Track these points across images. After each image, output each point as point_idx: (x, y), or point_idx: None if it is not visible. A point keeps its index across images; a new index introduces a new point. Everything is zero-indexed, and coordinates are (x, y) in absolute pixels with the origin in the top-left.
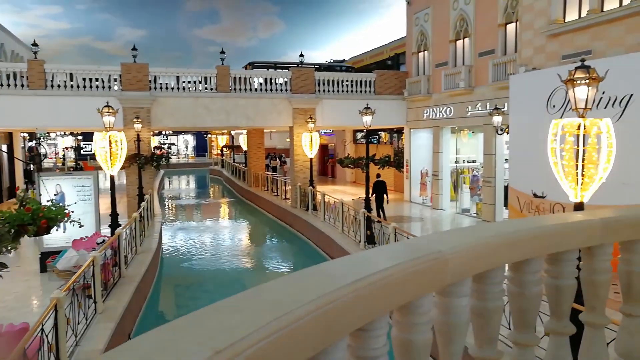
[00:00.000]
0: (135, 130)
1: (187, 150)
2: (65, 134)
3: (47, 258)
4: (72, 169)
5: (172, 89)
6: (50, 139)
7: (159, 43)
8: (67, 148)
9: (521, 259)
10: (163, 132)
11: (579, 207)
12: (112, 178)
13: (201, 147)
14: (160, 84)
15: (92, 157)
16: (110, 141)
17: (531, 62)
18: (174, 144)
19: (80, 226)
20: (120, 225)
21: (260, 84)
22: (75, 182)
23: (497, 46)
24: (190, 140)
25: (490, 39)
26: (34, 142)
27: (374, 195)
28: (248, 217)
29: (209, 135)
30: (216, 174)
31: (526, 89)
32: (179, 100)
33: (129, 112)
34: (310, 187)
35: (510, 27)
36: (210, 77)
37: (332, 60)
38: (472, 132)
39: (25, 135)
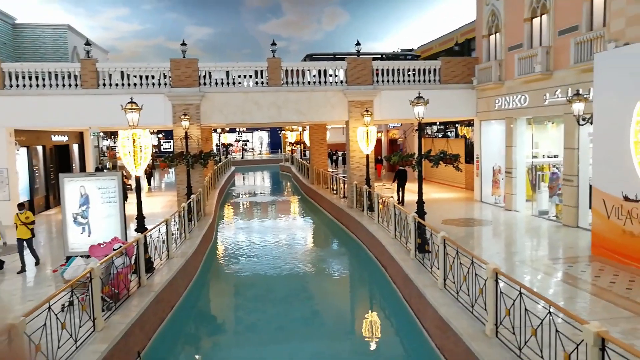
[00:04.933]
0: (183, 127)
1: (261, 147)
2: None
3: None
4: (149, 168)
5: (222, 84)
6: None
7: (227, 40)
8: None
9: None
10: (238, 129)
11: None
12: (137, 179)
13: (276, 143)
14: (210, 79)
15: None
16: (133, 140)
17: (623, 36)
18: (248, 141)
19: None
20: (147, 228)
21: (314, 76)
22: (100, 183)
23: (580, 21)
24: (265, 137)
25: (572, 13)
26: (109, 141)
27: (396, 182)
28: (307, 217)
29: (283, 132)
30: (286, 170)
31: (615, 69)
32: (229, 96)
33: (178, 109)
34: (366, 187)
35: None
36: (261, 71)
37: (399, 50)
38: (552, 123)
39: (101, 134)
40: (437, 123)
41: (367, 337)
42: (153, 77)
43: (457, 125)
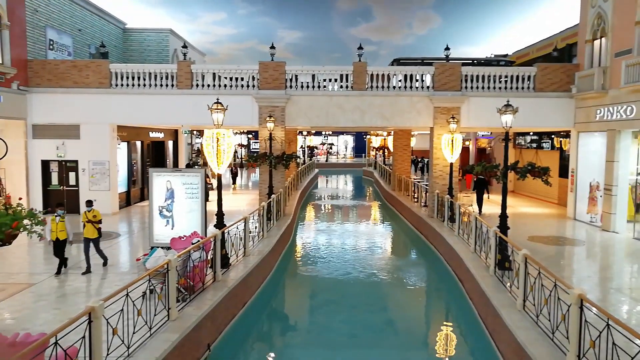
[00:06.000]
0: (268, 129)
1: (346, 151)
2: (237, 132)
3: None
4: (235, 167)
5: (308, 87)
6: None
7: (318, 44)
8: (239, 145)
9: None
10: (323, 133)
11: None
12: (219, 177)
13: (360, 147)
14: (296, 82)
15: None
16: (217, 139)
17: None
18: (333, 144)
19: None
20: (225, 225)
21: (400, 81)
22: (184, 179)
23: None
24: (350, 140)
25: None
26: (201, 139)
27: (475, 190)
28: (385, 224)
29: (368, 137)
30: (369, 175)
31: None
32: (313, 99)
33: (264, 111)
34: (448, 196)
35: None
36: (346, 75)
37: (492, 55)
38: None
39: (195, 132)
40: (531, 133)
41: (438, 353)
42: (242, 79)
43: (553, 136)
